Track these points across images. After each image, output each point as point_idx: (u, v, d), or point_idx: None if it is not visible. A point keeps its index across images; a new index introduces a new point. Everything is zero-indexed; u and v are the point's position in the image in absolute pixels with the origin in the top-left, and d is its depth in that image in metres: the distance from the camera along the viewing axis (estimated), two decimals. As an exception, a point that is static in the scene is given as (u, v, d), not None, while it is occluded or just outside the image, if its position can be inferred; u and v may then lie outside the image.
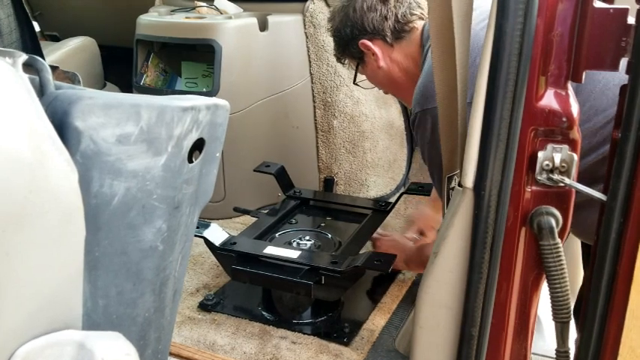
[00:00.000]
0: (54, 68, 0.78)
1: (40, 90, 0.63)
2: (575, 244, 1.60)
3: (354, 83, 1.68)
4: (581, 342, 0.79)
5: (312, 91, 2.12)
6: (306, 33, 2.08)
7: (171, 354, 1.28)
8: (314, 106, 2.14)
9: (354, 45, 1.54)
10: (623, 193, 0.70)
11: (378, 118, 2.17)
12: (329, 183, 2.16)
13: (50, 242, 0.56)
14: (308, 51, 2.09)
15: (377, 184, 2.20)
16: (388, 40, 1.49)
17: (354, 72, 1.65)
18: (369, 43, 1.51)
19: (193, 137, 0.70)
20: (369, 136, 2.15)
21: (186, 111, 0.67)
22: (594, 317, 0.76)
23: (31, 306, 0.55)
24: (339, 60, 1.68)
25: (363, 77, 1.65)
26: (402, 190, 1.97)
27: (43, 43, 2.33)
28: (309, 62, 2.09)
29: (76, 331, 0.58)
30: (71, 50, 2.51)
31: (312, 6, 2.06)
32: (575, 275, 1.50)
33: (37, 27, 2.29)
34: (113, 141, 0.61)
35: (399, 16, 1.47)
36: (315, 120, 2.15)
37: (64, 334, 0.56)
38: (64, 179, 0.55)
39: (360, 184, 2.18)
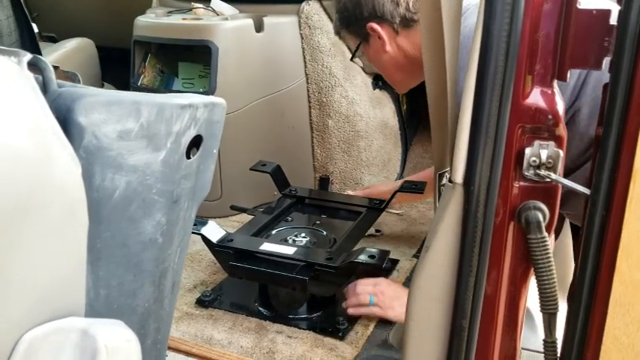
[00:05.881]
0: (54, 68, 0.80)
1: (44, 88, 0.65)
2: (567, 240, 1.63)
3: (351, 59, 1.75)
4: (567, 332, 0.82)
5: (308, 91, 2.15)
6: (301, 34, 2.10)
7: (169, 348, 1.30)
8: (309, 106, 2.16)
9: (361, 26, 1.54)
10: (606, 187, 0.72)
11: (372, 118, 2.20)
12: (324, 182, 2.18)
13: (54, 234, 0.58)
14: (303, 52, 2.11)
15: (371, 183, 2.23)
16: (395, 27, 1.50)
17: (353, 49, 1.65)
18: (377, 27, 1.51)
19: (191, 134, 0.72)
20: (364, 136, 2.18)
21: (185, 108, 0.69)
22: (579, 307, 0.79)
23: (36, 294, 0.57)
24: (337, 34, 1.68)
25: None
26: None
27: (40, 45, 2.35)
28: (305, 63, 2.12)
29: (79, 318, 0.60)
30: (69, 51, 2.53)
31: (308, 7, 2.09)
32: (566, 269, 1.53)
33: (35, 28, 2.30)
34: (114, 137, 0.63)
35: (410, 5, 1.48)
36: (311, 120, 2.17)
37: (68, 321, 0.58)
38: (68, 173, 0.58)
39: (355, 183, 2.20)
